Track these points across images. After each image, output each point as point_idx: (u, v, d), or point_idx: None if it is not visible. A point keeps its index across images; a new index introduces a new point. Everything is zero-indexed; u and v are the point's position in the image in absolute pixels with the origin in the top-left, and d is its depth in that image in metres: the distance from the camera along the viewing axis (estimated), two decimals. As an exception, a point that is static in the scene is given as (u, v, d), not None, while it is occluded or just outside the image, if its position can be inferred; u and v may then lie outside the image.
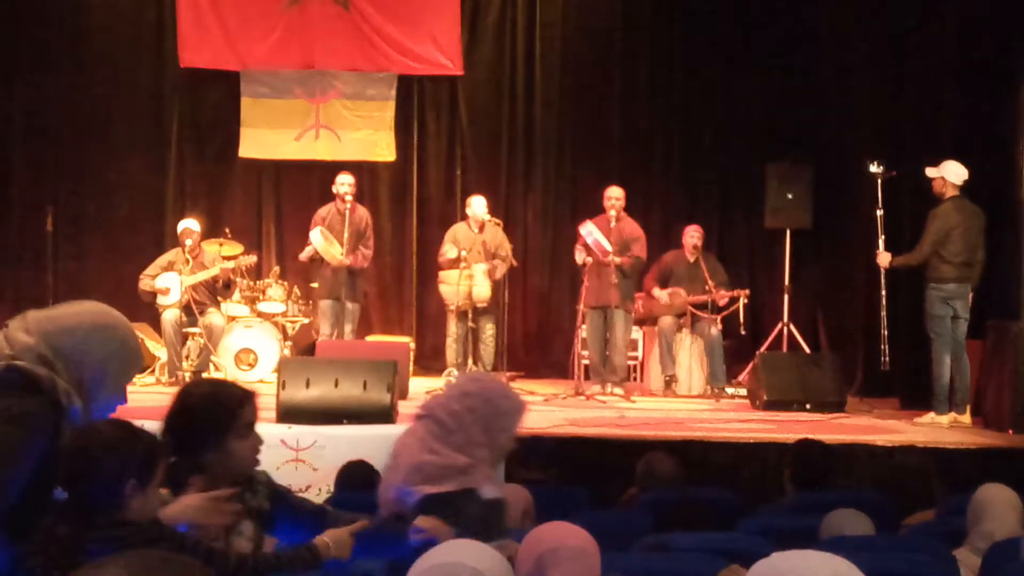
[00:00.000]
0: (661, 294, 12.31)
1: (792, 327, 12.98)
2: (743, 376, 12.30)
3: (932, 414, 10.16)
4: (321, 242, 11.78)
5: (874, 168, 10.87)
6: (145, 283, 11.77)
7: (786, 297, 13.18)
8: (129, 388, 3.81)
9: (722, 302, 12.18)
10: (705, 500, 5.80)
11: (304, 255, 12.14)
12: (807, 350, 12.69)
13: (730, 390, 12.03)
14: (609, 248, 11.41)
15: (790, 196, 13.13)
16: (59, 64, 13.76)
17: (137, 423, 3.51)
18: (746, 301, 12.20)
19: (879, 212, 10.69)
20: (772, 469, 7.96)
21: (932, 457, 8.58)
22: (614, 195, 11.81)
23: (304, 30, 13.88)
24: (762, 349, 12.45)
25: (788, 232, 13.28)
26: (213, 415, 3.78)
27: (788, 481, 6.20)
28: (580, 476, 7.66)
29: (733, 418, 10.35)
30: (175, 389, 11.23)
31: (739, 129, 13.90)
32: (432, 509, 3.80)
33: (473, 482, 3.87)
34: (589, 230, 11.48)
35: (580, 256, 11.69)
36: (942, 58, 11.88)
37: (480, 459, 3.90)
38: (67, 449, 3.40)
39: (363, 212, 12.29)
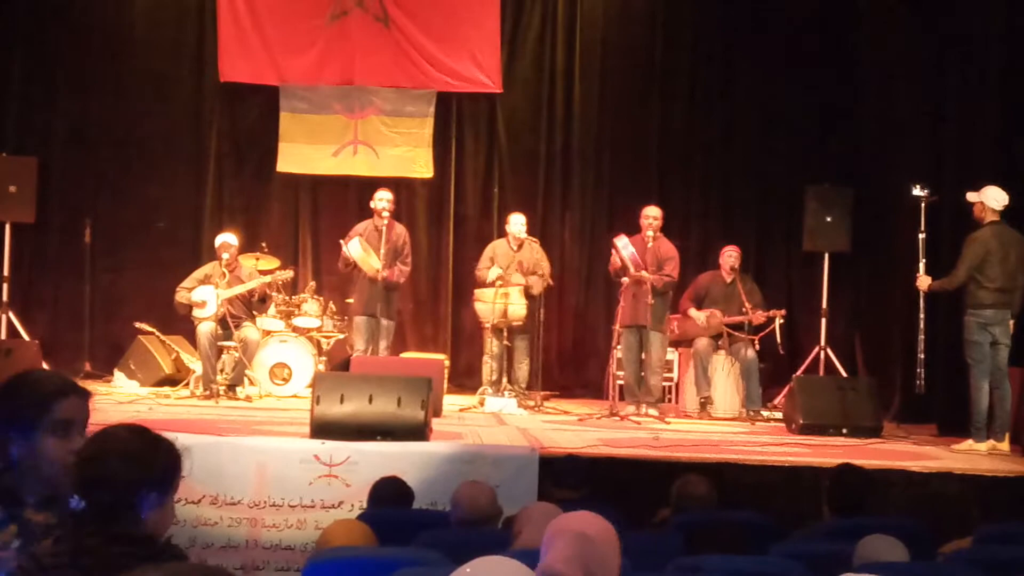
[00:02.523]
0: (697, 315, 12.24)
1: (829, 351, 12.92)
2: (779, 399, 12.22)
3: (970, 441, 10.04)
4: (359, 252, 11.75)
5: (917, 191, 10.77)
6: (181, 295, 11.79)
7: (823, 320, 13.11)
8: (164, 401, 3.76)
9: (758, 322, 12.10)
10: (738, 523, 5.75)
11: (341, 263, 12.10)
12: (844, 374, 12.61)
13: (766, 413, 11.94)
14: (641, 264, 11.39)
15: (829, 219, 13.10)
16: (100, 77, 13.88)
17: (167, 436, 3.41)
18: (782, 321, 12.12)
19: (921, 236, 10.59)
20: (806, 493, 7.88)
21: (969, 485, 8.48)
22: (651, 215, 11.77)
23: (344, 46, 13.93)
24: (799, 372, 12.39)
25: (826, 255, 13.22)
26: (20, 402, 3.41)
27: (825, 505, 6.15)
28: (613, 496, 7.61)
29: (768, 441, 10.26)
30: (210, 403, 11.38)
31: (779, 151, 13.85)
32: None
33: None
34: (625, 243, 11.45)
35: (614, 263, 11.67)
36: (985, 80, 11.80)
37: None
38: (83, 454, 3.25)
39: (401, 229, 12.26)
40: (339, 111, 14.02)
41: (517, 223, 12.26)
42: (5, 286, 13.24)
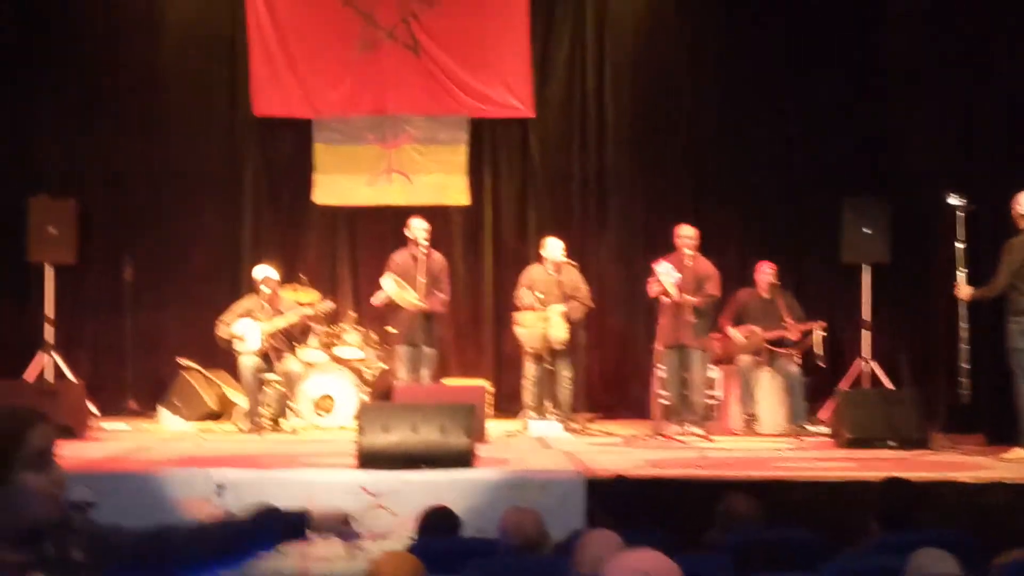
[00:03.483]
0: (736, 334, 12.20)
1: (873, 363, 12.84)
2: (823, 413, 12.16)
3: (1018, 449, 9.97)
4: (394, 289, 11.78)
5: (953, 200, 10.71)
6: (222, 329, 11.83)
7: (865, 333, 13.03)
8: (209, 436, 3.72)
9: (797, 336, 12.05)
10: (787, 541, 5.72)
11: (376, 300, 12.16)
12: (889, 386, 12.54)
13: (811, 428, 11.87)
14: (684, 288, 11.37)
15: (867, 231, 13.01)
16: (135, 114, 13.98)
17: (215, 471, 3.36)
18: (823, 333, 12.06)
19: (960, 245, 10.53)
20: (855, 508, 7.81)
21: (1020, 494, 8.39)
22: (686, 234, 11.76)
23: (376, 76, 13.98)
24: (843, 386, 12.31)
25: (865, 267, 13.16)
26: None
27: (873, 520, 6.09)
28: (661, 517, 7.57)
29: (815, 456, 10.22)
30: (255, 437, 11.42)
31: (814, 164, 13.77)
32: None
33: None
34: (666, 269, 11.40)
35: (653, 289, 11.63)
36: (1020, 86, 11.73)
37: None
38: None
39: (438, 258, 12.28)
40: (372, 141, 14.07)
41: (553, 247, 12.23)
42: (49, 328, 13.30)
